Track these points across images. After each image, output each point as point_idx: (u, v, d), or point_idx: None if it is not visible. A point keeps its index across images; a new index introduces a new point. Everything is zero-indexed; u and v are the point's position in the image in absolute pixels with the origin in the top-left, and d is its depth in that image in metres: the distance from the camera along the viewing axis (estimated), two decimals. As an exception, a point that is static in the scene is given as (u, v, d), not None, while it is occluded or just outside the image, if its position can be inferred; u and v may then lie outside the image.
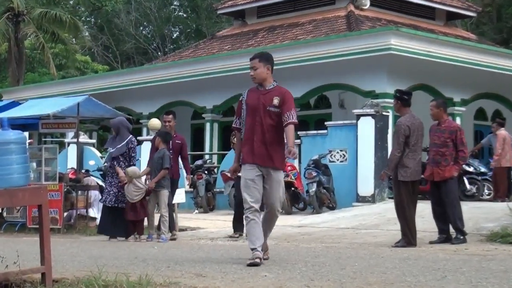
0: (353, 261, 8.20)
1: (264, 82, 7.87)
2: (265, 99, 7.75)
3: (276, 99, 7.70)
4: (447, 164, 10.59)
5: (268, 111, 7.69)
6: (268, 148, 7.67)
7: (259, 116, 7.69)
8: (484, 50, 20.90)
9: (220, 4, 30.72)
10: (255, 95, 7.85)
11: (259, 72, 7.87)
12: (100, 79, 27.20)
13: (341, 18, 23.89)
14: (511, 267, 7.50)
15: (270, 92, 7.80)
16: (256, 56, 8.01)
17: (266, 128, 7.69)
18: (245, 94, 7.96)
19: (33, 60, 41.59)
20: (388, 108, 17.35)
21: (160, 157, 12.33)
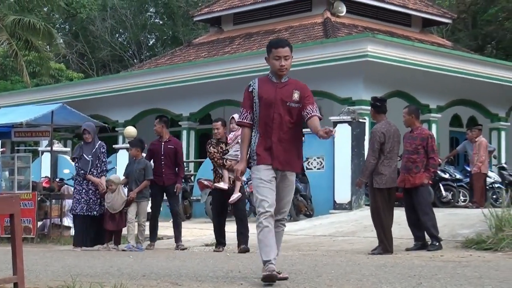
0: (329, 269, 8.22)
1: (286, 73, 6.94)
2: (284, 93, 6.85)
3: (296, 94, 6.84)
4: (418, 171, 10.65)
5: (288, 107, 6.82)
6: (287, 149, 6.86)
7: (277, 113, 6.79)
8: (459, 57, 21.06)
9: (197, 11, 30.74)
10: (271, 88, 6.90)
11: (290, 62, 6.92)
12: (75, 87, 27.10)
13: (317, 25, 24.00)
14: (486, 274, 7.55)
15: (288, 85, 6.92)
16: (286, 43, 7.01)
17: (285, 126, 6.84)
18: (256, 85, 6.95)
19: (5, 67, 41.32)
20: (364, 115, 17.43)
21: (142, 168, 12.18)
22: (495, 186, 18.07)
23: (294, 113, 6.83)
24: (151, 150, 12.63)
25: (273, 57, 6.86)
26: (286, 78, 6.91)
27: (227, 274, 7.69)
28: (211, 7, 29.02)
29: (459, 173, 18.11)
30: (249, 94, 6.94)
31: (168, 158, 12.41)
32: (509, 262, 8.89)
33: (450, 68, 19.92)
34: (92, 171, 12.32)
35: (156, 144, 12.59)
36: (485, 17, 38.18)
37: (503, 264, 8.57)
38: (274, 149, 6.79)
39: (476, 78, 20.61)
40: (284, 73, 6.86)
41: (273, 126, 6.81)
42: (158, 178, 12.37)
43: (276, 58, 6.82)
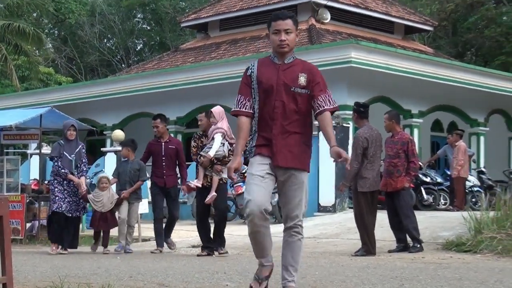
0: (313, 270, 8.24)
1: (287, 53, 5.69)
2: (287, 76, 5.60)
3: (303, 77, 5.58)
4: (399, 175, 10.69)
5: (293, 93, 5.57)
6: (292, 143, 5.58)
7: (280, 100, 5.55)
8: (440, 64, 21.13)
9: (184, 17, 30.71)
10: (272, 70, 5.65)
11: (293, 38, 5.69)
12: (64, 91, 26.98)
13: (302, 32, 23.99)
14: (465, 275, 7.58)
15: (292, 67, 5.65)
16: (287, 15, 5.74)
17: (290, 116, 5.58)
18: (255, 68, 5.72)
19: (-5, 72, 41.14)
20: (348, 120, 17.46)
21: (137, 168, 11.86)
22: (474, 190, 18.15)
23: (300, 100, 5.58)
24: (150, 151, 11.97)
25: (272, 31, 5.68)
26: (291, 59, 5.67)
27: (213, 276, 7.68)
28: (198, 14, 29.01)
29: (440, 177, 18.18)
30: (247, 78, 5.70)
31: (170, 159, 11.82)
32: (487, 264, 8.93)
33: (431, 74, 19.98)
34: (73, 171, 11.74)
35: (156, 144, 11.94)
36: (465, 25, 38.34)
37: (482, 266, 8.61)
38: (276, 143, 5.54)
39: (457, 84, 20.68)
40: (285, 50, 5.63)
41: (275, 116, 5.55)
42: (159, 180, 11.78)
43: (275, 32, 5.63)
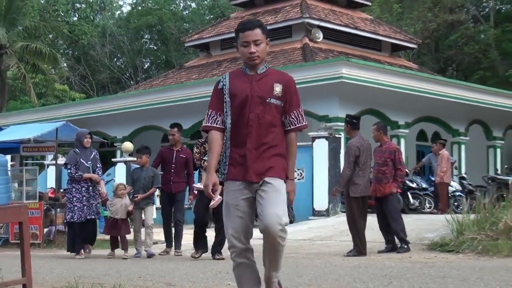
0: (309, 270, 8.23)
1: (259, 64, 4.87)
2: (261, 87, 4.81)
3: (278, 87, 4.81)
4: (387, 182, 10.71)
5: (268, 104, 4.78)
6: (267, 157, 4.77)
7: (254, 113, 4.75)
8: (424, 78, 21.18)
9: (187, 37, 30.76)
10: (245, 81, 4.85)
11: (263, 48, 4.86)
12: (77, 106, 27.01)
13: (297, 50, 24.08)
14: (449, 274, 7.58)
15: (266, 77, 4.86)
16: (255, 24, 4.90)
17: (265, 129, 4.79)
18: (226, 80, 4.89)
19: (15, 89, 41.19)
20: (340, 131, 17.47)
21: (151, 176, 11.32)
22: (456, 194, 18.16)
23: (275, 111, 4.81)
24: (162, 157, 11.63)
25: (241, 43, 4.84)
26: (264, 68, 4.88)
27: (216, 276, 7.68)
28: (201, 34, 29.06)
29: (425, 183, 18.19)
30: (219, 92, 4.89)
31: (179, 167, 11.46)
32: (469, 262, 8.93)
33: (416, 88, 20.02)
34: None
35: (168, 151, 11.61)
36: (446, 43, 38.46)
37: (463, 265, 8.61)
38: (250, 157, 4.72)
39: (439, 97, 20.72)
40: (256, 62, 4.81)
41: (250, 129, 4.76)
42: (166, 186, 11.54)
43: (244, 44, 4.80)
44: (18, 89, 40.82)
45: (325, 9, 26.05)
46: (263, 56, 4.84)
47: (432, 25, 37.31)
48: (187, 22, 49.15)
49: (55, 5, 48.08)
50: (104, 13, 51.87)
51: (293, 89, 4.89)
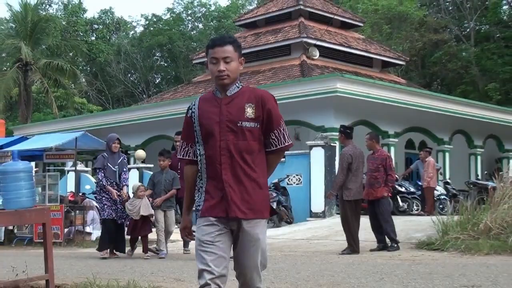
0: (307, 267, 8.21)
1: (229, 85, 3.92)
2: (231, 110, 3.88)
3: (250, 108, 3.87)
4: (379, 186, 10.71)
5: (241, 128, 3.84)
6: (246, 188, 3.80)
7: (225, 140, 3.83)
8: (412, 92, 21.19)
9: (195, 55, 30.80)
10: (214, 106, 3.92)
11: (234, 67, 3.91)
12: (95, 118, 27.04)
13: (295, 66, 24.10)
14: (434, 270, 7.57)
15: (237, 98, 3.90)
16: (226, 40, 3.93)
17: (240, 157, 3.83)
18: (196, 107, 3.98)
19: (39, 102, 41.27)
20: (335, 140, 17.45)
21: (172, 178, 10.72)
22: (441, 198, 18.11)
23: (250, 136, 3.83)
24: (171, 163, 11.04)
25: (209, 60, 3.90)
26: (236, 89, 3.91)
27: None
28: (208, 52, 29.11)
29: (413, 187, 18.15)
30: (188, 120, 3.96)
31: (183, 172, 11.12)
32: (453, 260, 8.92)
33: (404, 101, 20.03)
34: (117, 181, 10.90)
35: (175, 157, 10.94)
36: (431, 60, 38.49)
37: (448, 262, 8.59)
38: (228, 191, 3.77)
39: (426, 109, 20.72)
40: (225, 82, 3.86)
41: (223, 160, 3.80)
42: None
43: (213, 61, 3.87)
44: (41, 102, 40.91)
45: (321, 29, 26.09)
46: (234, 75, 3.86)
47: (418, 44, 37.37)
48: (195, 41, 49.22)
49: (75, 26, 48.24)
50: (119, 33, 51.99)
51: (269, 106, 3.86)
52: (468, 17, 39.20)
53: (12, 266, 6.16)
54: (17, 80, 32.55)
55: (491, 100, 32.11)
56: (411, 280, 6.66)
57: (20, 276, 6.00)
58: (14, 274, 5.98)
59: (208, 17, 51.36)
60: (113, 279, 6.36)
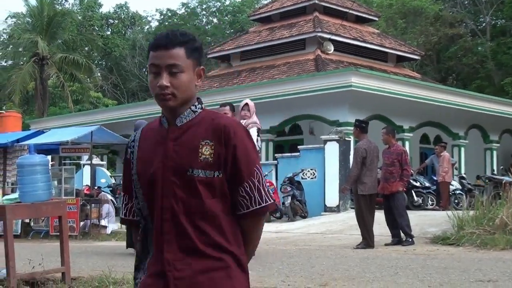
0: (321, 261, 8.20)
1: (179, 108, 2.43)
2: (180, 150, 2.39)
3: (207, 146, 2.36)
4: (394, 180, 10.66)
5: (191, 179, 2.34)
6: (201, 277, 2.32)
7: (168, 198, 2.36)
8: (427, 87, 21.06)
9: (210, 49, 30.81)
10: (156, 143, 2.46)
11: (185, 81, 2.41)
12: (110, 112, 27.13)
13: (310, 61, 24.03)
14: (450, 265, 7.53)
15: (190, 130, 2.42)
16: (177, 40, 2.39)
17: (192, 226, 2.35)
18: (136, 143, 2.53)
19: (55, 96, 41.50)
20: (349, 134, 17.38)
21: None
22: (457, 193, 18.02)
23: (207, 191, 2.36)
24: None
25: (149, 69, 2.46)
26: (189, 115, 2.44)
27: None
28: (222, 47, 29.11)
29: (428, 182, 18.07)
30: (127, 163, 2.56)
31: None
32: (468, 255, 8.86)
33: (419, 95, 19.92)
34: None
35: None
36: (447, 55, 38.26)
37: (463, 257, 8.54)
38: (170, 276, 2.34)
39: (441, 104, 20.60)
40: (169, 105, 2.42)
41: (165, 227, 2.38)
42: None
43: (153, 70, 2.42)
44: (57, 96, 41.15)
45: (336, 24, 25.99)
46: (184, 95, 2.39)
47: (433, 38, 37.15)
48: (210, 36, 49.24)
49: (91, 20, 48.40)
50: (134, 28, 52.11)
51: (237, 142, 2.36)
52: (484, 11, 38.91)
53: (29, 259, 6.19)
54: (34, 74, 32.76)
55: (507, 94, 31.87)
56: (427, 275, 6.63)
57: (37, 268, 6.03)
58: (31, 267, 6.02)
59: (223, 11, 51.35)
60: (129, 272, 6.37)
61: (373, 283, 6.17)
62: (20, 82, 31.58)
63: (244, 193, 2.39)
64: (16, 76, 31.97)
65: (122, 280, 5.94)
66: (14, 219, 6.33)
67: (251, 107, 8.80)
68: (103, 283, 5.86)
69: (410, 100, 19.70)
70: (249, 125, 8.59)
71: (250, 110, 8.81)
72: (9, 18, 45.22)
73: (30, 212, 6.19)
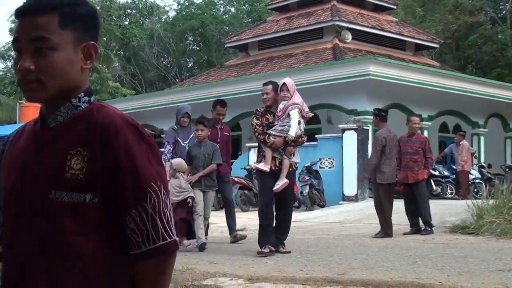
0: (339, 250, 8.18)
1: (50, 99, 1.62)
2: (46, 161, 1.60)
3: (78, 157, 1.56)
4: (419, 169, 10.65)
5: (50, 205, 1.56)
6: None
7: (26, 231, 1.59)
8: (446, 75, 20.92)
9: (227, 39, 30.77)
10: (24, 148, 1.68)
11: (57, 61, 1.60)
12: (128, 102, 27.25)
13: (328, 50, 23.92)
14: (469, 254, 7.48)
15: (63, 133, 1.62)
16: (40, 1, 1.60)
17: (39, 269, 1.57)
18: (9, 142, 1.76)
19: (73, 86, 41.70)
20: (368, 123, 17.33)
21: (210, 152, 8.57)
22: (476, 182, 17.91)
23: (74, 223, 1.57)
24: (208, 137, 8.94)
25: (12, 46, 1.67)
26: (70, 110, 1.65)
27: (255, 255, 7.65)
28: (240, 36, 29.06)
29: (447, 171, 17.98)
30: None
31: (223, 145, 9.31)
32: (488, 244, 8.80)
33: (438, 84, 19.79)
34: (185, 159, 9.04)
35: (213, 130, 9.27)
36: (466, 43, 37.90)
37: (483, 246, 8.49)
38: None
39: (460, 93, 20.44)
40: (36, 96, 1.62)
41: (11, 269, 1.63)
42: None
43: (15, 47, 1.63)
44: (75, 86, 41.34)
45: (354, 12, 25.83)
46: (57, 81, 1.64)
47: (453, 26, 36.80)
48: (227, 25, 49.16)
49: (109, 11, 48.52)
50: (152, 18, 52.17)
51: (121, 152, 1.61)
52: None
53: None
54: (52, 65, 32.98)
55: (527, 83, 31.52)
56: (446, 264, 6.59)
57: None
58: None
59: (241, 0, 51.23)
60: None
61: (392, 272, 6.14)
62: (39, 72, 31.77)
63: (134, 225, 1.60)
64: (35, 66, 32.18)
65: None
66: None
67: (290, 86, 7.84)
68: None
69: (429, 88, 19.58)
70: (289, 107, 7.66)
71: (290, 90, 7.80)
72: (27, 9, 45.41)
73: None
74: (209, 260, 7.17)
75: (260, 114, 7.91)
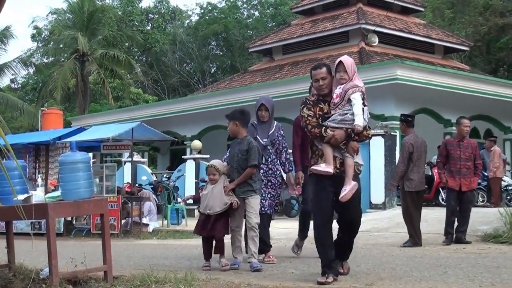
0: (367, 259, 8.14)
1: None
2: None
3: None
4: (471, 176, 10.50)
5: None
6: None
7: None
8: (476, 79, 20.73)
9: (251, 43, 30.85)
10: None
11: None
12: (151, 108, 27.38)
13: (354, 54, 23.87)
14: (502, 264, 7.39)
15: None
16: None
17: None
18: None
19: (95, 93, 42.15)
20: (395, 129, 17.23)
21: (245, 149, 7.47)
22: (509, 189, 17.73)
23: None
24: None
25: None
26: None
27: (280, 264, 7.63)
28: (264, 40, 29.11)
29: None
30: None
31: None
32: (522, 254, 8.69)
33: (468, 88, 19.63)
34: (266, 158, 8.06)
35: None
36: (497, 45, 37.54)
37: (517, 256, 8.38)
38: None
39: (491, 97, 20.26)
40: None
41: None
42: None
43: None
44: (98, 92, 41.76)
45: (380, 15, 25.76)
46: None
47: (483, 28, 36.50)
48: (251, 29, 49.28)
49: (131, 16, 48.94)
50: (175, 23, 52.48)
51: None
52: (536, -1, 38.06)
53: (71, 257, 6.29)
54: (74, 71, 33.36)
55: (561, 86, 31.12)
56: (477, 274, 6.52)
57: (79, 267, 6.12)
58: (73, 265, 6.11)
59: (264, 4, 51.32)
60: (170, 271, 6.42)
61: (421, 282, 6.10)
62: (61, 79, 32.13)
63: None
64: (57, 73, 32.57)
65: (164, 279, 5.99)
66: (56, 217, 6.42)
67: (347, 65, 6.32)
68: (145, 282, 5.91)
69: (459, 93, 19.42)
70: (348, 90, 6.17)
71: (348, 70, 6.30)
72: (50, 15, 46.04)
73: (72, 210, 6.29)
74: (234, 270, 7.18)
75: (311, 103, 6.31)
